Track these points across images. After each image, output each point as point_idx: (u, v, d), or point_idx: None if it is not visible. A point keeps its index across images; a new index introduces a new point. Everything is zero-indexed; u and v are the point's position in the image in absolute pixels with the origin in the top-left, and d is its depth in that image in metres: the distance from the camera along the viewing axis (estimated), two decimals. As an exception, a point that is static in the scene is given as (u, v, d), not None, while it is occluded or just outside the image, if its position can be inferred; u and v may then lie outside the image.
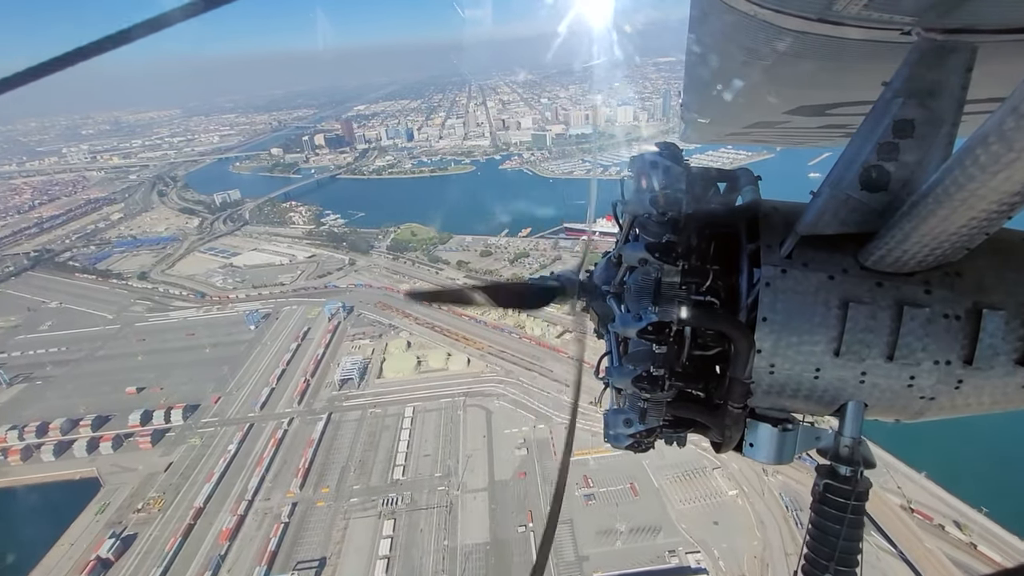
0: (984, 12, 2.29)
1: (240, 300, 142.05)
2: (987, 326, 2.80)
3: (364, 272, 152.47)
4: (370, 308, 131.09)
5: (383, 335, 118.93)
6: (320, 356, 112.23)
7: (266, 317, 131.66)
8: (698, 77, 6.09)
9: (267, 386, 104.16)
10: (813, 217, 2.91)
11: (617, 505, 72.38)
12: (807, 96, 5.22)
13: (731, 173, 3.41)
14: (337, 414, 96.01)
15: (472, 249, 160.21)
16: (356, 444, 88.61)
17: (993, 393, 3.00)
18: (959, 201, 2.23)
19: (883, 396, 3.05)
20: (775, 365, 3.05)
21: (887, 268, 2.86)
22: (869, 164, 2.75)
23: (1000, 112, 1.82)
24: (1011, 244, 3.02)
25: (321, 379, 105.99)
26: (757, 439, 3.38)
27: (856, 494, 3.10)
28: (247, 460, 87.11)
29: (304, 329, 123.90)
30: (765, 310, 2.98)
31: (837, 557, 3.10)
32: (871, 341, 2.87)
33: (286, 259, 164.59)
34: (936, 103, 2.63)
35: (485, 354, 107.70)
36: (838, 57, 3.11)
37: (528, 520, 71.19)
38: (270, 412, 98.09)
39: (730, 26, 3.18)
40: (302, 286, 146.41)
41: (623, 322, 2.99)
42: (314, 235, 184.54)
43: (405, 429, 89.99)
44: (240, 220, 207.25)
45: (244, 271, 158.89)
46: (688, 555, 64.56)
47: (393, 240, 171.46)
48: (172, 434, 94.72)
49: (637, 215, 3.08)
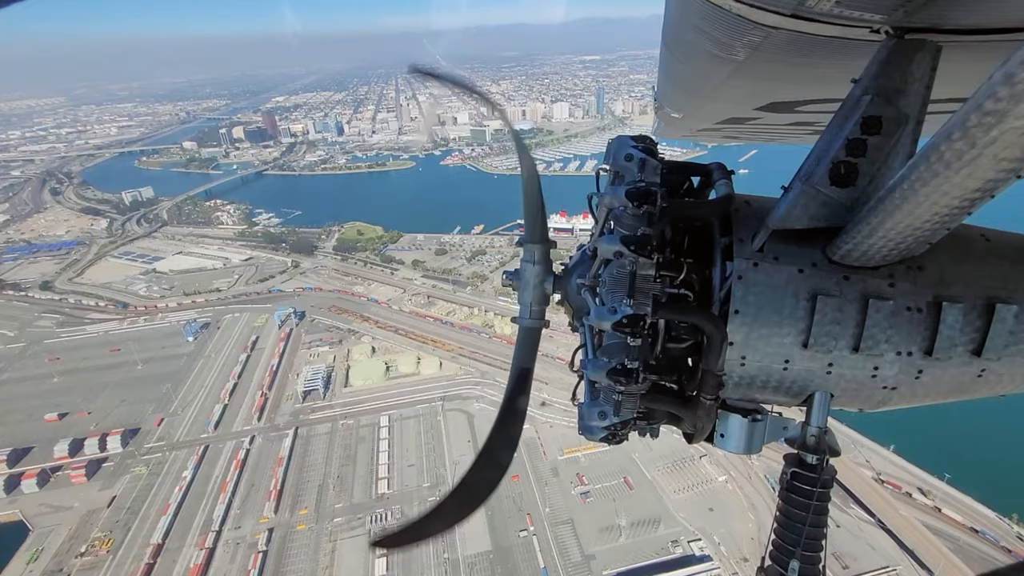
0: (948, 13, 2.38)
1: (171, 309, 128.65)
2: (946, 318, 2.89)
3: (311, 275, 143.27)
4: (324, 313, 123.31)
5: (343, 341, 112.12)
6: (276, 367, 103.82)
7: (206, 327, 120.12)
8: (672, 72, 6.14)
9: (219, 403, 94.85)
10: (784, 211, 2.97)
11: (614, 500, 72.47)
12: (778, 93, 5.33)
13: (705, 167, 3.45)
14: (304, 428, 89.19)
15: (425, 248, 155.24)
16: (331, 459, 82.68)
17: (951, 383, 3.10)
18: (923, 197, 2.29)
19: (848, 386, 3.13)
20: (746, 357, 3.12)
21: (854, 262, 2.93)
22: (838, 160, 2.82)
23: (963, 110, 1.88)
24: (969, 239, 3.13)
25: (281, 392, 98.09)
26: (728, 430, 3.41)
27: (822, 481, 3.15)
28: (207, 486, 78.74)
29: (252, 338, 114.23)
30: (737, 303, 3.04)
31: (803, 542, 3.14)
32: (838, 333, 2.96)
33: (219, 263, 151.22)
34: (903, 101, 2.73)
35: (457, 356, 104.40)
36: (809, 53, 3.24)
37: (528, 523, 69.62)
38: (226, 431, 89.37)
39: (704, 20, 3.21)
40: (243, 291, 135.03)
41: (598, 315, 2.96)
42: (248, 236, 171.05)
43: (383, 439, 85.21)
44: (157, 221, 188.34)
45: (171, 277, 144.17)
46: (691, 543, 65.83)
47: (339, 240, 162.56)
48: (110, 464, 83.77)
49: (612, 208, 3.04)
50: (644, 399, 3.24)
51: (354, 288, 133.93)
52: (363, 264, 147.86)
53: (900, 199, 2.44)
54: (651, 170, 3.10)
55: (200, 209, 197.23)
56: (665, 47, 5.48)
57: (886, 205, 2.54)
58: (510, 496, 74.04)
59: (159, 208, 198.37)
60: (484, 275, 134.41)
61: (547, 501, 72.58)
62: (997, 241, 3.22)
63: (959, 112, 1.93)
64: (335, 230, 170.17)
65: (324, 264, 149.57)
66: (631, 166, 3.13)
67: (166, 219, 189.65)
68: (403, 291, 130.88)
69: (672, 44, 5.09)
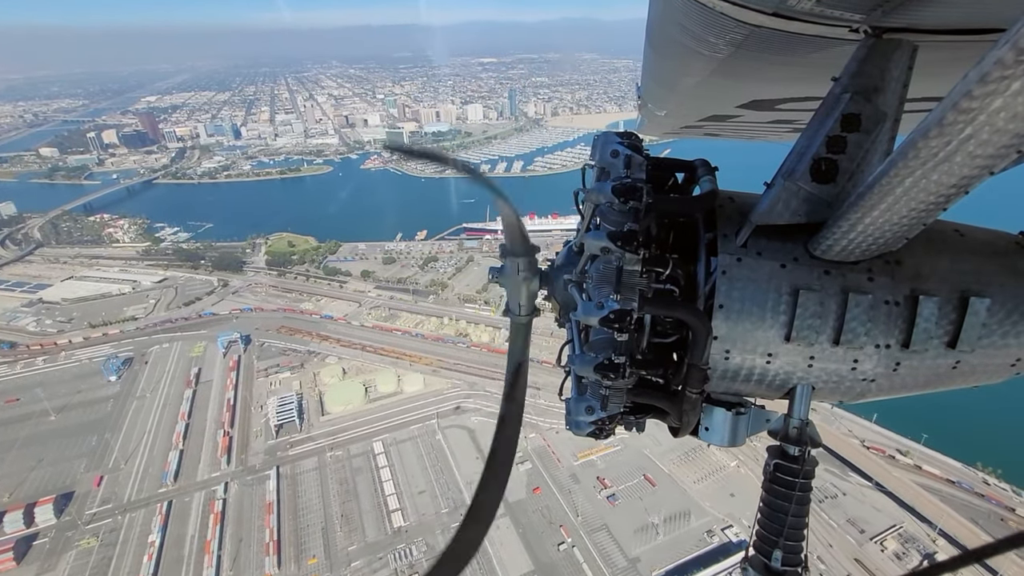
0: (925, 13, 2.44)
1: (78, 346, 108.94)
2: (923, 311, 2.97)
3: (246, 294, 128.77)
4: (272, 335, 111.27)
5: (304, 364, 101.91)
6: (232, 400, 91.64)
7: (128, 363, 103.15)
8: (655, 69, 6.23)
9: (173, 449, 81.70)
10: (767, 207, 3.02)
11: (641, 499, 72.72)
12: (759, 91, 5.49)
13: (689, 163, 3.52)
14: (287, 466, 79.55)
15: (371, 257, 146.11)
16: (329, 497, 74.44)
17: (927, 374, 3.16)
18: (901, 193, 2.36)
19: (829, 379, 3.18)
20: (730, 351, 3.16)
21: (834, 257, 2.98)
22: (819, 156, 2.88)
23: (940, 107, 1.95)
24: (944, 234, 3.20)
25: (246, 428, 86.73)
26: (712, 423, 3.48)
27: (804, 472, 3.22)
28: (184, 549, 67.39)
29: (194, 370, 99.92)
30: (721, 298, 3.08)
31: (786, 532, 3.23)
32: (819, 327, 3.01)
33: (126, 286, 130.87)
34: (881, 99, 2.82)
35: (438, 370, 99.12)
36: (790, 52, 3.31)
37: (565, 535, 67.58)
38: (190, 482, 77.14)
39: (687, 17, 3.27)
40: (166, 318, 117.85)
41: (585, 310, 3.03)
42: (156, 254, 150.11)
43: (383, 467, 78.45)
44: (28, 242, 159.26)
45: (66, 307, 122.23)
46: (724, 531, 67.83)
47: (268, 253, 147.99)
48: (44, 540, 68.70)
49: (599, 204, 3.09)
50: (630, 393, 3.27)
51: (301, 305, 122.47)
52: (304, 278, 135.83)
53: (879, 195, 2.46)
54: (637, 166, 3.13)
55: (83, 225, 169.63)
56: (649, 44, 5.45)
57: (865, 201, 2.55)
58: (536, 510, 71.56)
59: (27, 226, 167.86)
60: (443, 282, 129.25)
61: (576, 509, 70.95)
62: (970, 236, 3.25)
63: (936, 110, 1.98)
64: (260, 243, 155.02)
65: (258, 281, 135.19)
66: (617, 162, 3.15)
67: (40, 239, 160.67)
68: (359, 305, 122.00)
69: (655, 41, 5.06)
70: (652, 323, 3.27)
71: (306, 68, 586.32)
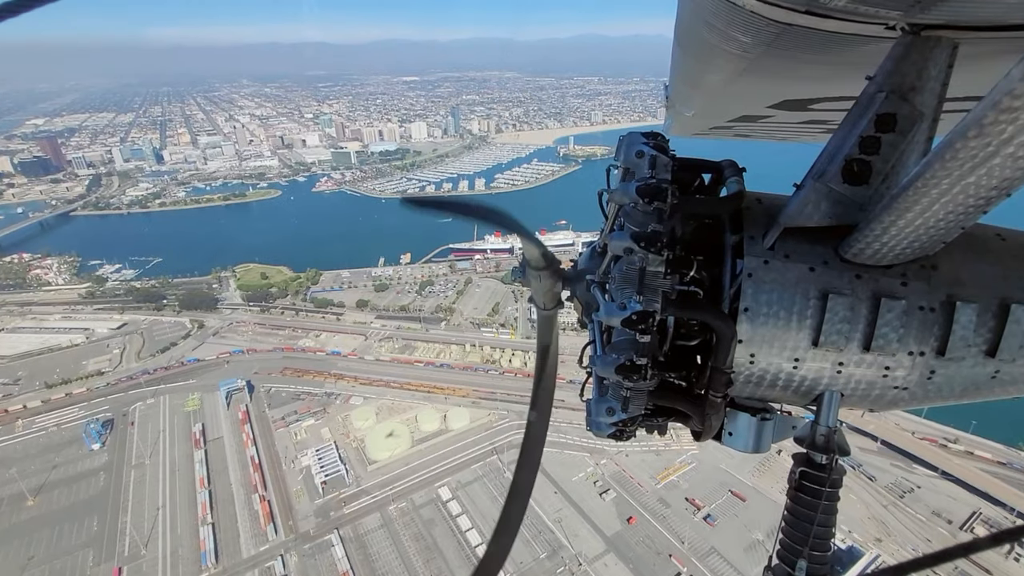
0: (965, 9, 2.35)
1: (35, 411, 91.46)
2: (960, 318, 2.88)
3: (229, 335, 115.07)
4: (277, 379, 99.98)
5: (327, 409, 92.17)
6: (256, 458, 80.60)
7: (109, 425, 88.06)
8: (684, 69, 6.19)
9: (202, 524, 70.02)
10: (795, 209, 2.98)
11: (737, 516, 71.83)
12: (791, 90, 5.44)
13: (716, 164, 3.46)
14: (346, 528, 70.67)
15: (358, 284, 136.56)
16: (407, 555, 66.86)
17: (964, 383, 3.07)
18: (938, 195, 2.32)
19: (859, 386, 3.10)
20: (755, 355, 3.10)
21: (866, 260, 2.91)
22: (851, 157, 2.83)
23: (980, 107, 1.90)
24: (984, 239, 3.11)
25: (283, 489, 76.38)
26: (736, 428, 3.42)
27: (831, 481, 3.13)
28: (257, 643, 57.30)
29: (196, 427, 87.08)
30: (747, 300, 3.03)
31: (811, 542, 3.13)
32: (849, 332, 2.94)
33: (78, 336, 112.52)
34: (918, 98, 2.72)
35: (477, 400, 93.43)
36: (823, 50, 3.23)
37: (680, 565, 65.08)
38: (237, 560, 66.24)
39: (717, 17, 3.26)
40: (140, 369, 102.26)
41: (607, 311, 2.99)
42: (102, 296, 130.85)
43: (459, 515, 71.93)
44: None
45: (7, 366, 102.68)
46: (822, 537, 68.36)
47: (240, 287, 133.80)
48: (67, 660, 55.69)
49: (623, 204, 3.04)
50: (652, 396, 3.19)
51: (300, 343, 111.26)
52: (293, 313, 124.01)
53: (914, 197, 2.39)
54: (662, 167, 3.03)
55: (1, 268, 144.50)
56: (677, 45, 5.40)
57: (900, 203, 2.49)
58: (638, 541, 68.52)
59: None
60: (449, 307, 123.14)
61: (678, 535, 68.76)
62: (1013, 241, 3.14)
63: (975, 110, 1.90)
64: (227, 276, 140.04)
65: (239, 319, 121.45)
66: (642, 163, 3.06)
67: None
68: (364, 337, 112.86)
69: (684, 42, 4.98)
70: (676, 325, 3.16)
71: (215, 87, 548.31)
